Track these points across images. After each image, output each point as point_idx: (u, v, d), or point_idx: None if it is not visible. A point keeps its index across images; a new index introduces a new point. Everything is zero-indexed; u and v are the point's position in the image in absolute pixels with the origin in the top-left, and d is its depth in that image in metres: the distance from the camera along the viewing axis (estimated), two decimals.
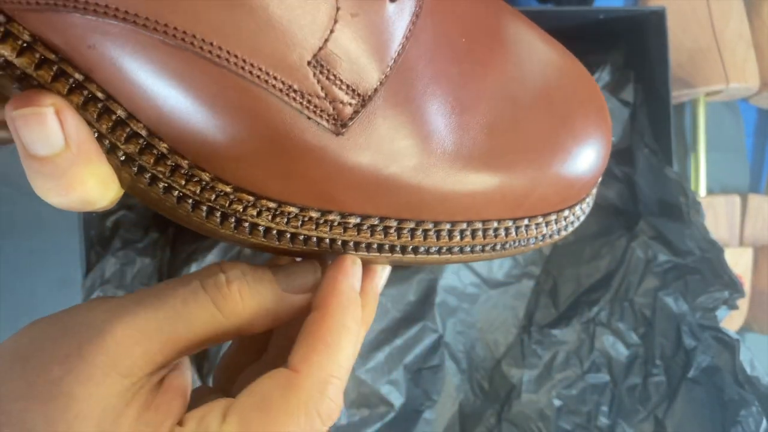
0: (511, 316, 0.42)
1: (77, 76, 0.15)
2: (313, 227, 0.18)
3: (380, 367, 0.38)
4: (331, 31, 0.16)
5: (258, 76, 0.15)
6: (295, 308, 0.19)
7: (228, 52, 0.15)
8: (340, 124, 0.17)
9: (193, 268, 0.38)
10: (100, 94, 0.15)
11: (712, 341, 0.35)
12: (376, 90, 0.17)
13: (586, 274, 0.42)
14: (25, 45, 0.14)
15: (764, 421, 0.32)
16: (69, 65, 0.15)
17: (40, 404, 0.14)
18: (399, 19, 0.17)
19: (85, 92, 0.15)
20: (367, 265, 0.21)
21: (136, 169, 0.16)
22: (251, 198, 0.17)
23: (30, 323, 0.16)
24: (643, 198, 0.41)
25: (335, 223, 0.19)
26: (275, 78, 0.15)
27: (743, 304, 0.50)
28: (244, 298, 0.17)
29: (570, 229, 0.22)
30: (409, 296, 0.40)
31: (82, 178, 0.15)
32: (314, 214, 0.18)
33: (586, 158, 0.21)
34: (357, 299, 0.18)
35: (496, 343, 0.41)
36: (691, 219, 0.36)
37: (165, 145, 0.16)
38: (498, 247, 0.21)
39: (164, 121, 0.16)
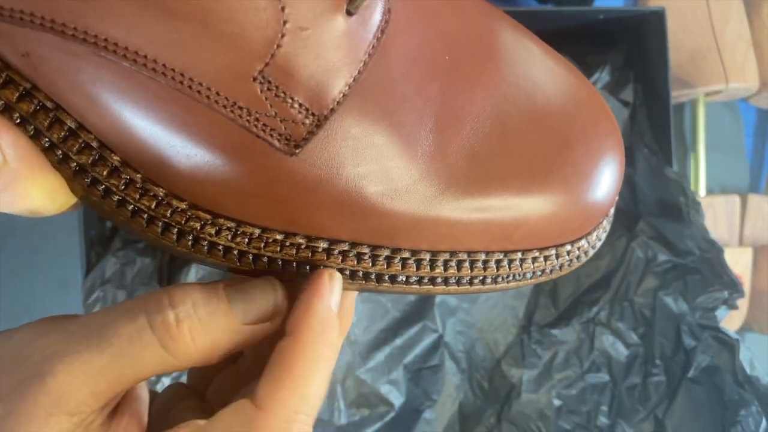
0: (511, 316, 0.42)
1: (25, 84, 0.15)
2: (278, 249, 0.17)
3: (380, 367, 0.38)
4: (278, 46, 0.15)
5: (199, 92, 0.14)
6: (255, 339, 0.17)
7: (164, 66, 0.14)
8: (294, 145, 0.16)
9: (193, 268, 0.38)
10: (48, 104, 0.15)
11: (711, 341, 0.35)
12: (332, 110, 0.16)
13: (585, 274, 0.42)
14: None
15: (764, 421, 0.32)
16: (16, 73, 0.15)
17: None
18: (360, 35, 0.16)
19: (35, 101, 0.15)
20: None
21: (89, 180, 0.16)
22: (208, 216, 0.17)
23: None
24: (642, 198, 0.41)
25: (302, 246, 0.17)
26: (218, 94, 0.15)
27: (743, 304, 0.50)
28: (196, 339, 0.16)
29: (576, 263, 0.20)
30: (409, 296, 0.40)
31: (25, 191, 0.14)
32: (278, 236, 0.17)
33: (588, 190, 0.19)
34: (334, 322, 0.17)
35: (495, 342, 0.41)
36: (691, 219, 0.36)
37: (117, 158, 0.16)
38: (488, 280, 0.19)
39: (113, 134, 0.15)
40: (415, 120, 0.17)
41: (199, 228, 0.17)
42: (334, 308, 0.17)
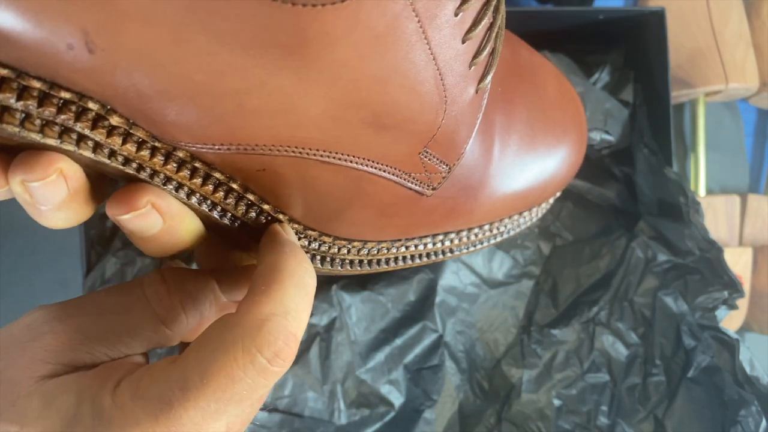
0: (511, 316, 0.42)
1: (220, 176, 0.18)
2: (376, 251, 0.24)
3: (380, 367, 0.38)
4: (439, 128, 0.19)
5: (378, 169, 0.19)
6: None
7: (360, 158, 0.18)
8: (432, 188, 0.21)
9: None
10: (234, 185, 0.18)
11: (711, 341, 0.35)
12: (459, 158, 0.21)
13: (585, 274, 0.42)
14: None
15: (764, 421, 0.32)
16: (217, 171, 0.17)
17: None
18: (481, 98, 0.20)
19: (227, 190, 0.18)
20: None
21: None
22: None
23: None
24: (642, 198, 0.41)
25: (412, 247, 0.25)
26: (393, 167, 0.19)
27: (743, 304, 0.50)
28: (187, 310, 0.18)
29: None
30: (409, 296, 0.40)
31: (180, 230, 0.17)
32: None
33: (579, 151, 0.29)
34: (297, 246, 0.18)
35: (495, 342, 0.41)
36: (691, 219, 0.36)
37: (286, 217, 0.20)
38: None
39: (278, 201, 0.19)
40: (496, 136, 0.24)
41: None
42: (293, 239, 0.19)
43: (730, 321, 0.49)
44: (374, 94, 0.16)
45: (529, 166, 0.26)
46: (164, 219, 0.16)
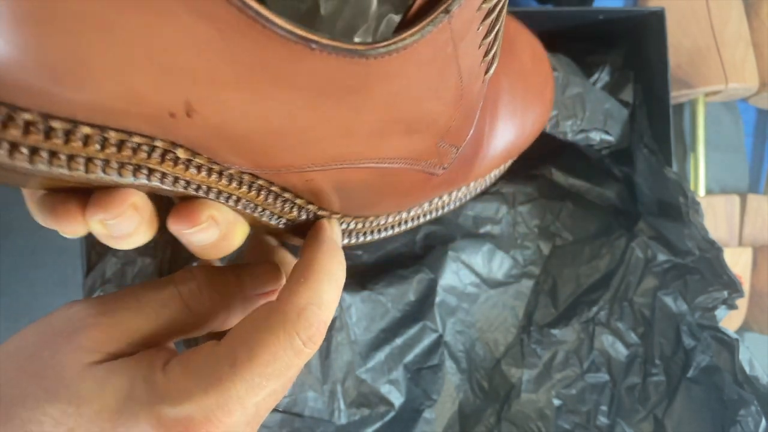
0: (511, 315, 0.42)
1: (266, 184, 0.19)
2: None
3: (380, 367, 0.38)
4: (454, 121, 0.21)
5: (400, 164, 0.21)
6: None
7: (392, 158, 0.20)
8: (442, 168, 0.23)
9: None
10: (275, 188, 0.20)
11: (711, 341, 0.35)
12: (465, 139, 0.23)
13: (585, 274, 0.42)
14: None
15: (763, 421, 0.32)
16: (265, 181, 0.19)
17: (38, 380, 0.16)
18: (484, 88, 0.22)
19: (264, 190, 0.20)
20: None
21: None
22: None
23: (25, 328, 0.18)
24: (642, 198, 0.41)
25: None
26: (414, 159, 0.21)
27: (742, 303, 0.50)
28: (214, 301, 0.20)
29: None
30: (409, 296, 0.40)
31: (234, 235, 0.19)
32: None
33: (546, 113, 0.33)
34: (337, 245, 0.21)
35: (495, 342, 0.41)
36: (691, 219, 0.36)
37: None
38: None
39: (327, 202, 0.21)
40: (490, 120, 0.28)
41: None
42: (337, 240, 0.21)
43: (729, 321, 0.49)
44: (412, 110, 0.18)
45: (511, 130, 0.30)
46: (220, 229, 0.18)
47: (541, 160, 0.43)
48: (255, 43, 0.13)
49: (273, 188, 0.19)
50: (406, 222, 0.27)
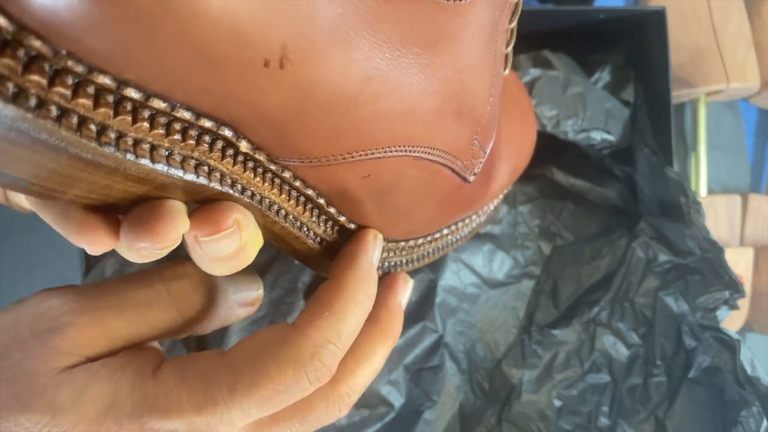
0: (512, 316, 0.42)
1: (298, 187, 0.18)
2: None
3: None
4: (485, 113, 0.20)
5: (440, 157, 0.19)
6: (239, 318, 0.20)
7: (434, 149, 0.19)
8: (473, 174, 0.22)
9: None
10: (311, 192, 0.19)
11: (712, 341, 0.35)
12: (491, 143, 0.22)
13: (586, 274, 0.42)
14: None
15: (765, 422, 0.31)
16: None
17: (8, 386, 0.15)
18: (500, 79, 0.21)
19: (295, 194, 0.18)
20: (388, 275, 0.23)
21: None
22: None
23: None
24: (643, 198, 0.41)
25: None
26: (454, 156, 0.20)
27: (744, 304, 0.50)
28: (203, 304, 0.18)
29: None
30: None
31: (252, 244, 0.17)
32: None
33: (533, 130, 0.33)
34: (373, 274, 0.19)
35: (496, 343, 0.41)
36: (692, 219, 0.36)
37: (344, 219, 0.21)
38: None
39: (354, 216, 0.20)
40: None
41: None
42: (375, 263, 0.20)
43: (731, 321, 0.49)
44: (465, 84, 0.17)
45: (511, 150, 0.29)
46: (243, 237, 0.16)
47: (542, 160, 0.43)
48: None
49: (309, 193, 0.18)
50: (429, 254, 0.26)
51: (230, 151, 0.15)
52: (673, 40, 0.39)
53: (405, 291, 0.22)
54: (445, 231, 0.27)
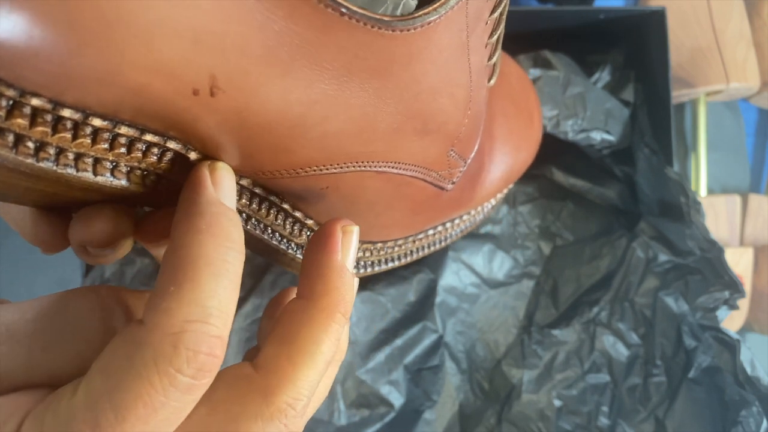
0: (512, 316, 0.42)
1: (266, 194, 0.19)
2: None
3: (380, 368, 0.38)
4: (464, 127, 0.21)
5: (413, 170, 0.20)
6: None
7: (406, 164, 0.20)
8: (451, 183, 0.23)
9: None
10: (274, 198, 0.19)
11: (712, 341, 0.35)
12: (473, 152, 0.23)
13: (586, 274, 0.42)
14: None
15: (765, 422, 0.31)
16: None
17: None
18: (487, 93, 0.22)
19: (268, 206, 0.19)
20: None
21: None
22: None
23: None
24: (643, 198, 0.41)
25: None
26: (426, 169, 0.21)
27: (744, 304, 0.49)
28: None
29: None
30: (409, 296, 0.40)
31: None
32: None
33: (538, 131, 0.33)
34: (218, 213, 0.14)
35: (496, 343, 0.41)
36: (692, 219, 0.36)
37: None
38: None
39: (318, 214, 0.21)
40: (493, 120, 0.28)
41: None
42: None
43: (731, 321, 0.49)
44: (428, 103, 0.18)
45: (507, 152, 0.29)
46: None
47: (542, 160, 0.43)
48: (287, 6, 0.12)
49: (274, 199, 0.19)
50: (412, 253, 0.27)
51: (180, 161, 0.15)
52: (673, 40, 0.39)
53: (348, 245, 0.16)
54: (431, 231, 0.27)
